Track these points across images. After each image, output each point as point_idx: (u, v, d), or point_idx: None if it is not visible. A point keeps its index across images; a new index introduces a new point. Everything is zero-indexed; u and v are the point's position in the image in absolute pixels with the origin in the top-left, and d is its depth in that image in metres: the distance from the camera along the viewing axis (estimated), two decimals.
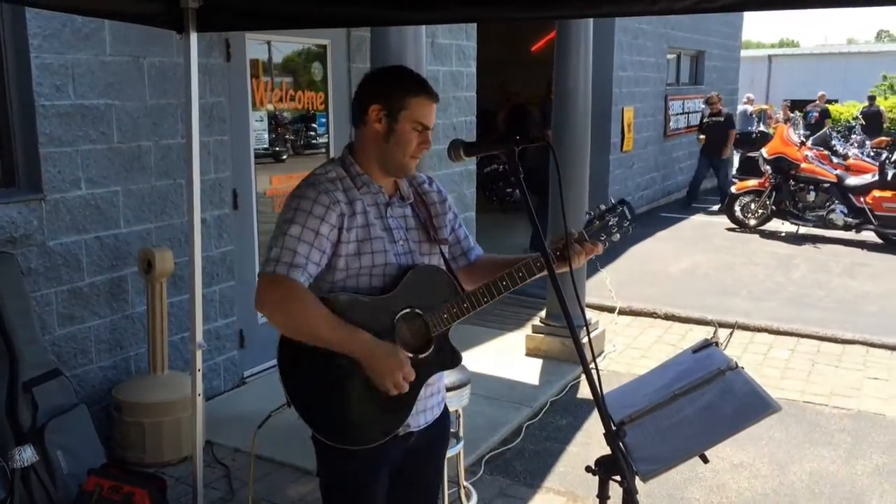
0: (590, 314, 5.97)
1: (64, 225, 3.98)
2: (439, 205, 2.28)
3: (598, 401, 1.72)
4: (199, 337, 3.37)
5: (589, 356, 1.81)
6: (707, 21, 14.26)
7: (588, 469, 1.77)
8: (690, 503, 3.86)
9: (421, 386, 2.10)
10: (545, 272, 2.04)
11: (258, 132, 5.16)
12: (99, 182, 4.12)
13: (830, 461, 4.28)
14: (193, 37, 3.18)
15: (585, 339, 5.50)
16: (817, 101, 21.31)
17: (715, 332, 2.17)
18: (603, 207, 2.15)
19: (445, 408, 2.36)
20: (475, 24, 7.16)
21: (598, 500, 1.77)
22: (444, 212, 2.29)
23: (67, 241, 4.01)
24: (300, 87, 5.45)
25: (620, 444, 1.73)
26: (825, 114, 20.43)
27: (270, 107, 5.24)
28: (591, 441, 4.49)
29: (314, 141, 5.73)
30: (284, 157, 5.54)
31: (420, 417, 2.18)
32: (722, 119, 12.37)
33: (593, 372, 1.76)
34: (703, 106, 12.99)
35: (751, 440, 4.49)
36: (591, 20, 5.58)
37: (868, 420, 4.80)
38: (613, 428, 1.71)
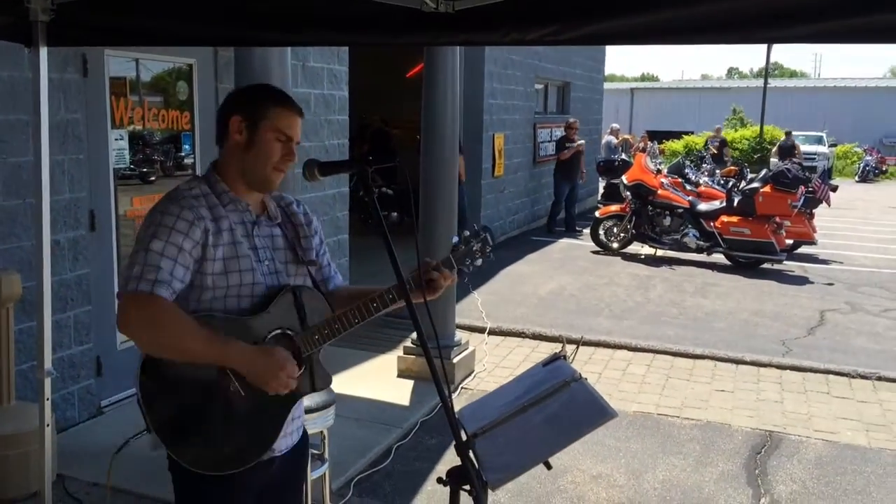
0: (460, 335, 6.10)
1: None
2: (306, 227, 2.25)
3: (449, 413, 1.78)
4: (47, 364, 3.21)
5: (441, 373, 1.86)
6: (572, 54, 14.94)
7: (439, 480, 1.82)
8: None
9: (291, 407, 2.08)
10: (415, 293, 2.09)
11: (119, 151, 4.98)
12: None
13: (681, 469, 4.54)
14: (43, 51, 3.05)
15: (457, 358, 5.55)
16: (714, 134, 23.63)
17: (563, 346, 2.28)
18: (467, 233, 2.22)
19: (304, 432, 2.33)
20: (347, 49, 7.22)
21: None
22: (311, 234, 2.26)
23: None
24: (165, 105, 5.31)
25: (471, 454, 1.79)
26: (723, 143, 22.49)
27: (133, 126, 5.07)
28: (459, 459, 4.56)
29: (184, 162, 5.58)
30: (153, 178, 5.36)
31: (282, 442, 2.14)
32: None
33: (444, 388, 1.82)
34: (561, 133, 13.55)
35: (610, 452, 4.70)
36: (459, 50, 5.75)
37: (715, 429, 5.13)
38: (463, 439, 1.77)
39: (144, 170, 5.28)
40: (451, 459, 4.53)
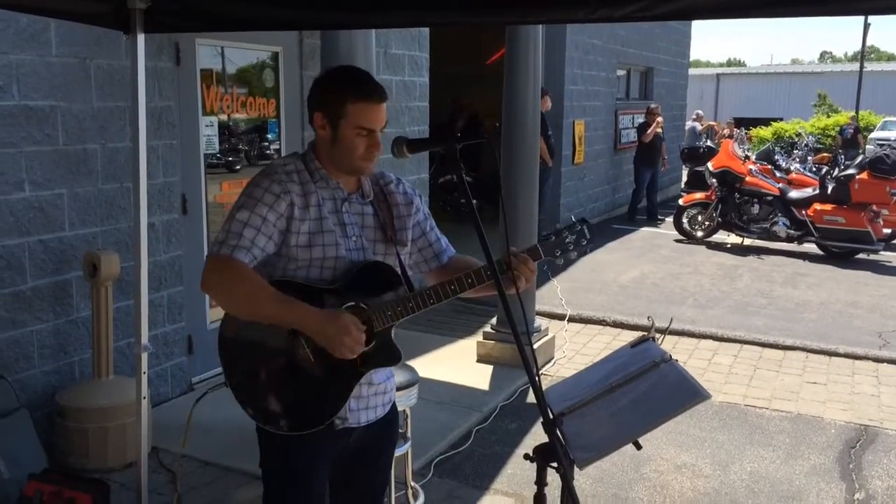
0: (540, 321, 6.06)
1: (6, 227, 3.91)
2: (403, 206, 2.26)
3: (537, 393, 1.76)
4: (144, 339, 3.34)
5: (529, 356, 1.84)
6: (656, 38, 14.60)
7: (526, 456, 1.81)
8: (635, 503, 3.93)
9: (358, 378, 2.11)
10: (489, 284, 2.05)
11: (209, 138, 5.13)
12: (43, 184, 4.06)
13: (770, 461, 4.40)
14: (140, 38, 3.16)
15: (537, 344, 5.51)
16: (850, 121, 23.56)
17: (652, 328, 2.23)
18: (561, 226, 2.18)
19: (393, 410, 2.35)
20: (427, 36, 7.23)
21: (535, 486, 1.81)
22: (409, 213, 2.27)
23: (10, 244, 3.94)
24: (252, 93, 5.44)
25: (558, 432, 1.78)
26: (857, 130, 22.30)
27: (222, 114, 5.22)
28: (538, 443, 4.53)
29: (268, 151, 5.71)
30: (238, 167, 5.51)
31: (362, 414, 2.18)
32: (661, 132, 12.68)
33: (533, 368, 1.81)
34: (642, 119, 13.24)
35: (694, 442, 4.59)
36: (541, 34, 5.68)
37: (806, 422, 4.95)
38: (551, 417, 1.75)
39: (230, 158, 5.42)
40: (530, 444, 4.54)
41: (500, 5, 2.59)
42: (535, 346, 5.74)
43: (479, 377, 5.48)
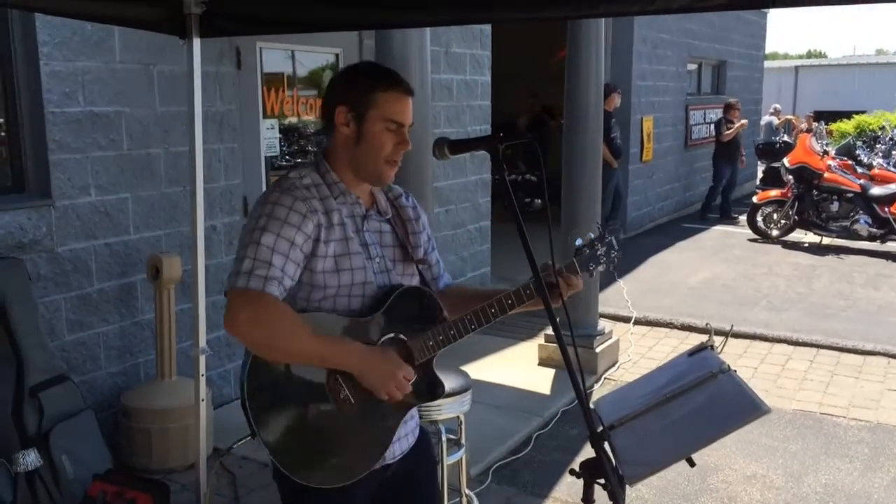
0: (604, 324, 5.92)
1: (73, 231, 4.02)
2: (415, 221, 2.13)
3: (582, 403, 1.68)
4: (202, 342, 3.37)
5: (575, 363, 1.73)
6: (729, 31, 14.15)
7: (572, 472, 1.73)
8: None
9: (402, 417, 1.99)
10: (534, 300, 1.97)
11: (269, 141, 5.18)
12: (108, 188, 4.16)
13: (847, 473, 4.18)
14: (196, 42, 3.19)
15: (600, 348, 5.36)
16: None
17: (710, 335, 2.11)
18: (592, 236, 2.07)
19: (422, 432, 2.19)
20: (489, 34, 7.16)
21: (582, 503, 1.73)
22: (419, 230, 2.13)
23: (77, 248, 4.04)
24: (312, 95, 5.47)
25: (607, 446, 1.69)
26: None
27: (283, 117, 5.26)
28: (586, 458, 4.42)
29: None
30: (296, 165, 5.55)
31: (396, 447, 2.02)
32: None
33: (578, 378, 1.71)
34: (717, 114, 12.86)
35: (765, 451, 4.40)
36: (603, 31, 5.54)
37: (887, 432, 4.68)
38: (598, 431, 1.66)
39: (299, 160, 5.46)
40: (591, 451, 4.42)
41: (555, 2, 2.50)
42: (598, 350, 5.61)
43: (539, 381, 5.38)
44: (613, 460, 1.75)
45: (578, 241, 2.06)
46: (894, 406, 5.07)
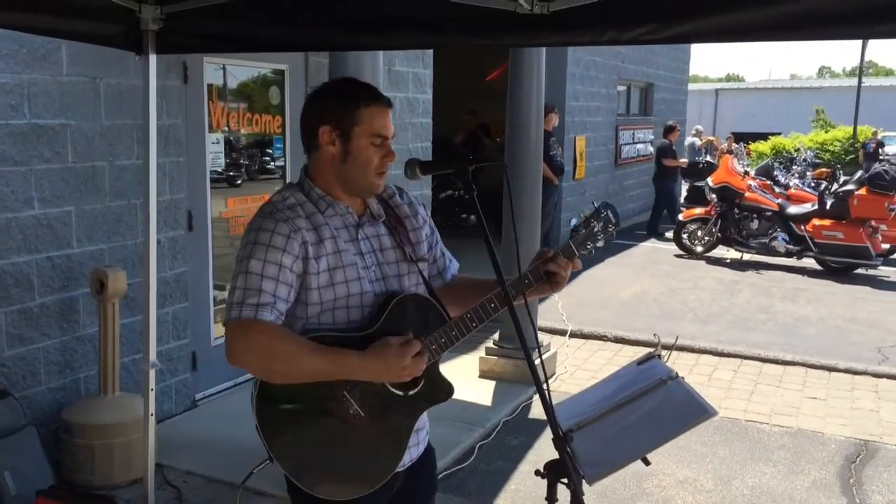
0: (542, 337, 6.09)
1: (15, 244, 3.95)
2: (413, 218, 2.11)
3: (548, 410, 1.80)
4: (152, 356, 3.38)
5: (540, 373, 1.84)
6: (656, 55, 14.72)
7: (537, 472, 1.84)
8: None
9: (414, 423, 2.01)
10: (532, 289, 2.02)
11: (214, 154, 5.19)
12: (52, 202, 4.10)
13: (771, 476, 4.43)
14: (153, 59, 3.23)
15: (538, 360, 5.58)
16: (872, 136, 24.75)
17: (658, 346, 2.27)
18: (587, 213, 2.08)
19: (429, 445, 2.18)
20: (431, 53, 7.31)
21: (546, 502, 1.85)
22: (420, 226, 2.12)
23: (18, 261, 3.97)
24: (257, 110, 5.50)
25: (568, 448, 1.81)
26: (881, 144, 23.03)
27: (228, 131, 5.28)
28: (542, 459, 4.48)
29: (269, 166, 5.77)
30: (239, 181, 5.56)
31: (405, 455, 2.03)
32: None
33: (544, 385, 1.83)
34: (647, 135, 13.38)
35: (695, 457, 4.62)
36: (544, 52, 5.75)
37: (807, 437, 4.98)
38: (561, 434, 1.79)
39: (232, 173, 5.48)
40: (534, 460, 4.57)
41: (512, 30, 2.64)
42: (536, 362, 5.77)
43: (481, 393, 5.50)
44: (574, 461, 1.88)
45: (573, 222, 2.10)
46: (813, 413, 5.39)
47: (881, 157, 20.47)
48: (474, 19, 2.69)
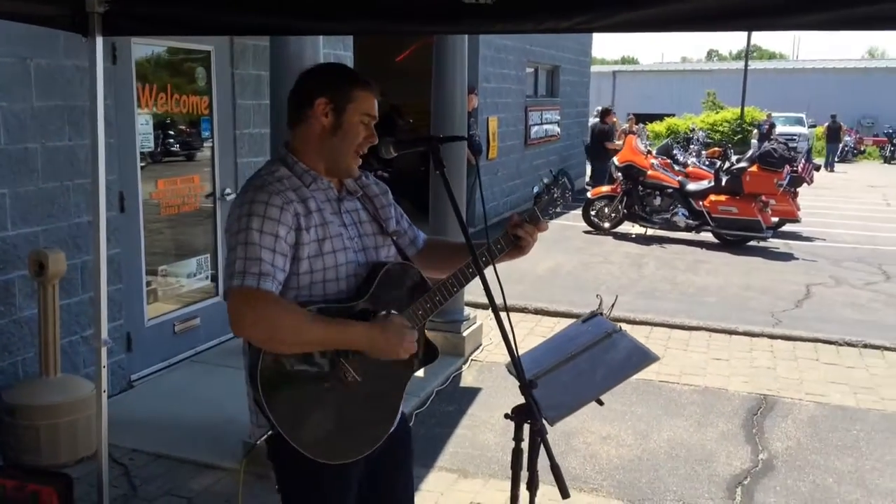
0: (468, 310, 6.37)
1: None
2: (382, 196, 2.27)
3: (515, 360, 2.03)
4: (104, 334, 3.43)
5: (509, 329, 2.05)
6: (562, 38, 15.17)
7: (506, 416, 2.08)
8: (568, 472, 4.28)
9: (405, 384, 2.15)
10: (508, 253, 2.22)
11: (144, 136, 5.18)
12: None
13: (684, 430, 4.85)
14: (99, 41, 3.26)
15: (467, 332, 5.77)
16: (766, 118, 26.88)
17: (600, 304, 2.54)
18: (546, 181, 2.36)
19: (402, 414, 2.26)
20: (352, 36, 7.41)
21: (513, 441, 2.09)
22: (389, 203, 2.28)
23: None
24: (184, 91, 5.50)
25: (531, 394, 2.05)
26: (773, 125, 25.70)
27: (156, 110, 5.27)
28: (476, 424, 4.85)
29: (197, 146, 5.79)
30: (169, 160, 5.56)
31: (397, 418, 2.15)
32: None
33: (511, 339, 2.06)
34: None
35: (616, 415, 5.00)
36: (467, 37, 5.96)
37: (713, 394, 5.45)
38: (528, 381, 2.03)
39: (165, 157, 5.47)
40: (468, 424, 4.86)
41: (455, 18, 2.82)
42: (465, 334, 6.05)
43: None
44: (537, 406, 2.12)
45: (536, 189, 2.38)
46: (717, 372, 5.88)
47: (772, 137, 22.08)
48: (422, 8, 2.86)
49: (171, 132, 5.54)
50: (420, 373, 5.56)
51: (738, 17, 2.48)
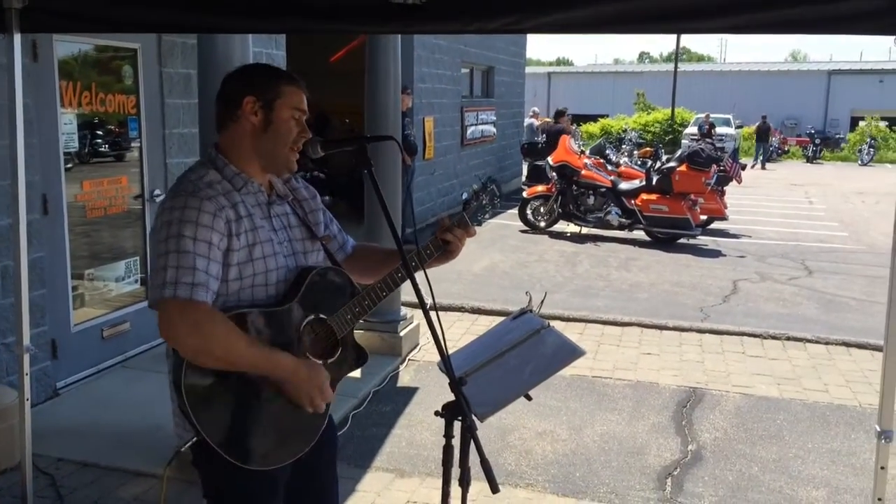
0: (405, 310, 6.37)
1: None
2: (311, 200, 2.25)
3: (444, 357, 2.04)
4: (26, 340, 3.33)
5: (439, 329, 2.04)
6: (496, 39, 15.30)
7: (437, 413, 2.09)
8: (504, 468, 4.33)
9: (334, 389, 2.12)
10: (437, 257, 2.25)
11: (68, 136, 5.03)
12: None
13: (616, 423, 4.96)
14: (17, 38, 3.17)
15: (404, 332, 5.78)
16: (704, 118, 27.56)
17: (529, 301, 2.59)
18: (475, 188, 2.31)
19: (326, 408, 2.20)
20: (284, 35, 7.33)
21: (444, 438, 2.11)
22: (318, 207, 2.27)
23: None
24: (111, 90, 5.36)
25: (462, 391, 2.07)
26: (712, 125, 26.50)
27: (80, 109, 5.12)
28: (413, 423, 4.86)
29: (124, 147, 5.65)
30: (95, 161, 5.41)
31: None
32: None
33: (441, 340, 2.06)
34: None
35: (551, 411, 5.07)
36: (400, 36, 5.97)
37: (644, 388, 5.58)
38: (457, 378, 2.05)
39: (93, 153, 5.33)
40: (405, 424, 4.87)
41: (384, 18, 2.83)
42: (401, 334, 6.05)
43: None
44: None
45: (465, 195, 2.41)
46: (649, 366, 6.02)
47: (712, 137, 22.94)
48: (351, 7, 2.87)
49: (99, 132, 5.39)
50: (357, 373, 5.56)
51: (666, 20, 2.57)
